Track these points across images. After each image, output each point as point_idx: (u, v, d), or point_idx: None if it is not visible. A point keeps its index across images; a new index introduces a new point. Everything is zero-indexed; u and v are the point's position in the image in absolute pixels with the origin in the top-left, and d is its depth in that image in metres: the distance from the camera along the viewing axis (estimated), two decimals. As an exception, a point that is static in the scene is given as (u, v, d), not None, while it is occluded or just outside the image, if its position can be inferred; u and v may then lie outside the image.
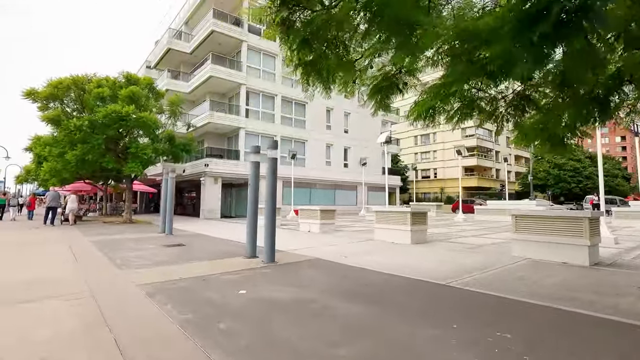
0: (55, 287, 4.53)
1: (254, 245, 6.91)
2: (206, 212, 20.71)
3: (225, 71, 21.47)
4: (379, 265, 5.96)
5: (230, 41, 22.41)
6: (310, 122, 25.65)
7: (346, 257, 6.75)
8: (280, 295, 4.17)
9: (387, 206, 18.83)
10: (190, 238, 10.53)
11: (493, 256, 6.89)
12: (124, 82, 17.26)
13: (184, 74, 24.99)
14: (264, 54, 23.68)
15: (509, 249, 7.45)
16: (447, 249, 8.05)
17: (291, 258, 6.75)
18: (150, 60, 28.58)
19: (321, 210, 11.67)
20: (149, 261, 6.46)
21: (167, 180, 11.71)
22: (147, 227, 15.08)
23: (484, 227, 14.45)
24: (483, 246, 8.47)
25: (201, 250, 8.03)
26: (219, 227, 14.89)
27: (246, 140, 22.35)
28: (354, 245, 8.70)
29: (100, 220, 18.97)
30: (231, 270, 5.64)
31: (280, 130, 23.96)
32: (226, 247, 8.58)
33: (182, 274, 5.33)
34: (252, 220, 6.96)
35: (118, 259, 6.65)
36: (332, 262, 6.29)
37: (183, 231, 12.67)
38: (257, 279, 5.06)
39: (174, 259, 6.80)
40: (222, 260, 6.64)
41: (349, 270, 5.63)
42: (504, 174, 55.26)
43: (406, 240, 8.71)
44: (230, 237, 10.68)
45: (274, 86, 23.84)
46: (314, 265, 6.05)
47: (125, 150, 17.35)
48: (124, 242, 9.46)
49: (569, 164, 46.57)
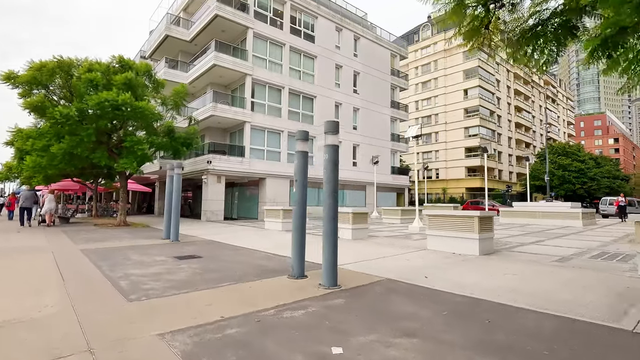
0: (27, 346, 2.81)
1: (302, 261, 5.26)
2: (208, 214, 18.89)
3: (230, 60, 19.68)
4: (486, 291, 4.36)
5: (235, 28, 20.62)
6: (319, 118, 23.98)
7: (427, 278, 5.13)
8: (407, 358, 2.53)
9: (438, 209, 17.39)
10: (202, 246, 8.79)
11: (613, 275, 5.36)
12: (118, 68, 15.38)
13: (183, 63, 23.08)
14: (271, 43, 21.95)
15: (608, 265, 5.94)
16: (534, 262, 6.49)
17: (354, 279, 5.11)
18: (145, 50, 26.56)
19: (354, 213, 10.05)
20: (165, 283, 4.75)
21: (173, 178, 9.94)
22: (145, 231, 13.25)
23: (526, 231, 13.00)
24: (569, 258, 6.94)
25: (224, 264, 6.32)
26: (228, 231, 13.15)
27: (251, 135, 20.58)
28: (411, 257, 7.09)
29: (90, 223, 17.01)
30: (286, 301, 3.98)
31: (288, 125, 22.25)
32: (253, 259, 6.88)
33: (221, 308, 3.66)
34: (299, 228, 5.29)
35: (123, 281, 4.92)
36: (418, 287, 4.66)
37: (190, 237, 10.91)
38: (334, 318, 3.42)
39: (196, 279, 5.09)
40: (262, 281, 4.97)
41: (456, 301, 4.01)
42: (507, 174, 54.53)
43: (473, 251, 7.14)
44: (249, 244, 8.98)
45: (282, 78, 22.12)
46: (396, 291, 4.42)
47: (119, 144, 15.49)
48: (124, 252, 7.68)
49: (573, 164, 45.82)
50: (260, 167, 20.65)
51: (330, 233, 4.77)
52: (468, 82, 49.53)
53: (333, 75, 25.30)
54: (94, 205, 22.77)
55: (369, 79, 27.82)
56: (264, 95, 21.57)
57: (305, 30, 23.88)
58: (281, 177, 21.57)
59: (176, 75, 21.90)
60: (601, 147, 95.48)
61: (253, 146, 20.69)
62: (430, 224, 8.03)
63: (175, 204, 9.72)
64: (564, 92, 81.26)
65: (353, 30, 26.86)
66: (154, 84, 16.61)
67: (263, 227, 14.30)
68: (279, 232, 12.25)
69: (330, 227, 4.78)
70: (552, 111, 71.81)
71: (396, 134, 30.68)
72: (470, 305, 3.84)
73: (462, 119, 49.75)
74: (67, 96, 14.94)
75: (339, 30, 25.98)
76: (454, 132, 50.53)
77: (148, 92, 16.09)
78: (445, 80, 52.22)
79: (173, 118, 16.74)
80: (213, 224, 16.83)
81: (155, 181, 26.85)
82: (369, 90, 27.61)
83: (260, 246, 8.63)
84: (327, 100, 24.70)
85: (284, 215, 12.95)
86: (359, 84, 27.18)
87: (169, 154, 17.98)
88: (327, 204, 4.80)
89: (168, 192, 10.23)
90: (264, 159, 21.12)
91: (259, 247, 8.42)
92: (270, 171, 21.02)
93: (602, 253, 7.56)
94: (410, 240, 9.97)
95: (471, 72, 49.53)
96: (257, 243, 9.35)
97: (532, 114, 63.57)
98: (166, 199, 10.32)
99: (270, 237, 10.91)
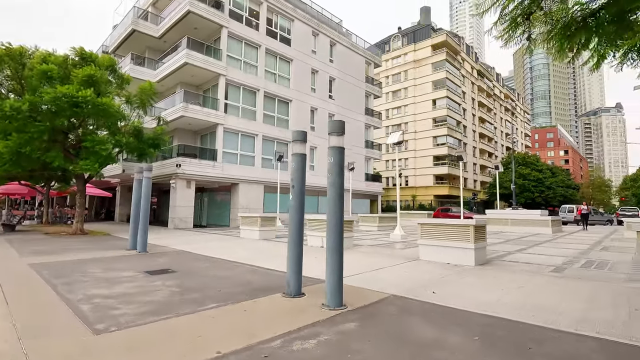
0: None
1: (300, 276, 4.68)
2: (176, 221, 17.65)
3: (203, 59, 18.70)
4: (507, 308, 4.02)
5: (209, 26, 19.69)
6: (294, 122, 23.45)
7: (435, 293, 4.74)
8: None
9: (427, 218, 17.29)
10: (174, 258, 7.93)
11: (617, 286, 5.25)
12: (77, 61, 14.02)
13: (151, 60, 21.71)
14: (246, 44, 21.19)
15: (604, 274, 5.91)
16: (533, 273, 6.31)
17: (357, 296, 4.60)
18: (108, 45, 24.75)
19: (339, 221, 9.55)
20: (139, 307, 3.99)
21: (142, 181, 8.99)
22: (106, 240, 11.99)
23: (503, 239, 13.16)
24: (562, 268, 6.86)
25: (205, 281, 5.59)
26: (200, 240, 12.21)
27: (224, 138, 19.63)
28: (407, 269, 6.72)
29: (40, 231, 15.28)
30: (291, 327, 3.40)
31: (263, 129, 21.50)
32: (236, 274, 6.20)
33: (216, 340, 3.02)
34: (297, 240, 4.72)
35: (85, 304, 4.09)
36: (430, 304, 4.24)
37: (158, 247, 9.92)
38: (352, 348, 2.89)
39: (176, 300, 4.36)
40: (255, 302, 4.33)
41: (481, 323, 3.61)
42: (470, 182, 56.66)
43: (469, 261, 6.90)
44: (227, 256, 8.22)
45: (257, 80, 21.39)
46: (409, 311, 3.97)
47: (77, 144, 14.08)
48: (84, 266, 6.68)
49: (532, 174, 48.49)
50: (234, 172, 19.72)
51: (336, 245, 4.25)
52: (436, 92, 51.16)
53: (309, 79, 24.93)
54: (45, 211, 20.68)
55: (344, 85, 27.73)
56: (238, 97, 20.73)
57: (282, 33, 23.37)
58: (255, 183, 20.74)
59: (143, 72, 20.51)
60: (553, 158, 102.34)
61: (226, 150, 19.73)
62: (422, 234, 7.72)
63: (144, 211, 8.76)
64: (522, 106, 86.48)
65: (329, 35, 26.73)
66: (119, 80, 15.34)
67: (238, 235, 13.47)
68: (257, 241, 11.51)
69: (335, 238, 4.25)
70: (512, 123, 76.01)
71: (370, 141, 30.79)
72: (499, 327, 3.46)
73: (431, 128, 51.20)
74: (16, 89, 13.42)
75: (316, 35, 25.73)
76: (423, 141, 51.86)
77: (112, 88, 14.82)
78: (414, 90, 53.64)
79: (140, 117, 15.51)
80: (182, 232, 15.70)
81: (116, 185, 24.95)
82: (344, 97, 27.51)
83: (240, 257, 7.91)
84: (303, 105, 24.25)
85: (262, 223, 12.23)
86: (334, 89, 27.01)
87: (134, 156, 16.68)
88: (332, 212, 4.28)
89: (135, 197, 9.24)
90: (237, 163, 20.21)
91: (239, 259, 7.69)
92: (243, 176, 20.13)
93: (589, 262, 7.60)
94: (396, 250, 9.65)
95: (439, 83, 51.23)
96: (236, 254, 8.60)
97: (494, 125, 66.87)
98: (133, 204, 9.32)
99: (248, 247, 10.18)
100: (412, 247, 10.25)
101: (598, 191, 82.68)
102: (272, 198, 20.73)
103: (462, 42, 59.28)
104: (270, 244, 10.98)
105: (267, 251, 9.38)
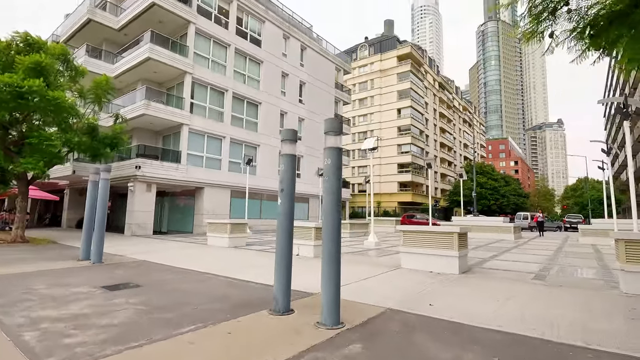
0: None
1: (289, 291, 4.22)
2: (134, 227, 16.29)
3: (169, 54, 17.60)
4: (513, 322, 3.83)
5: (175, 20, 18.63)
6: (263, 125, 22.81)
7: (432, 305, 4.47)
8: None
9: (422, 226, 17.21)
10: (136, 270, 7.10)
11: (602, 294, 5.31)
12: (22, 47, 12.54)
13: (108, 53, 20.11)
14: (215, 42, 20.33)
15: (583, 281, 6.03)
16: (516, 281, 6.29)
17: (351, 310, 4.21)
18: (59, 35, 22.64)
19: (316, 228, 9.18)
20: (98, 333, 3.32)
21: (98, 184, 8.03)
22: (53, 249, 10.67)
23: (473, 245, 13.40)
24: (541, 276, 6.95)
25: (176, 296, 4.94)
26: (163, 248, 11.24)
27: (189, 139, 18.56)
28: (391, 278, 6.45)
29: (-30, 238, 13.36)
30: (288, 353, 2.95)
31: (231, 131, 20.64)
32: (211, 287, 5.58)
33: (205, 377, 2.49)
34: (285, 249, 4.26)
35: (29, 332, 3.34)
36: (433, 319, 3.95)
37: (116, 257, 8.91)
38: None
39: (144, 322, 3.72)
40: (239, 322, 3.81)
41: (495, 340, 3.35)
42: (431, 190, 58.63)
43: (452, 269, 6.78)
44: (196, 266, 7.51)
45: (225, 80, 20.54)
46: (413, 328, 3.65)
47: (20, 141, 12.55)
48: (27, 280, 5.71)
49: (488, 183, 51.16)
50: (199, 175, 18.67)
51: (332, 257, 3.85)
52: (401, 102, 52.62)
53: (279, 82, 24.45)
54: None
55: (314, 90, 27.54)
56: (205, 97, 19.76)
57: (252, 33, 22.74)
58: (222, 187, 19.79)
59: (99, 65, 18.92)
60: (505, 169, 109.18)
61: (191, 152, 18.65)
62: (405, 241, 7.53)
63: (100, 216, 7.80)
64: (477, 118, 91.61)
65: (300, 39, 26.47)
66: (71, 72, 13.93)
67: (204, 243, 12.61)
68: (226, 250, 10.79)
69: (332, 248, 3.86)
70: (469, 134, 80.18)
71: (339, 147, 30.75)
72: (513, 345, 3.22)
73: (396, 136, 52.48)
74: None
75: (287, 38, 25.35)
76: (388, 149, 52.96)
77: (63, 80, 13.43)
78: (380, 99, 54.82)
79: (96, 114, 14.20)
80: (140, 239, 14.47)
81: (64, 187, 22.75)
82: (314, 102, 27.29)
83: (211, 268, 7.24)
84: (273, 108, 23.68)
85: (232, 230, 11.51)
86: (304, 94, 26.72)
87: (87, 156, 15.23)
88: (329, 220, 3.88)
89: (90, 200, 8.24)
90: (202, 166, 19.18)
91: (211, 270, 7.03)
92: (209, 180, 19.13)
93: (561, 268, 7.81)
94: (375, 257, 9.42)
95: (404, 93, 52.77)
96: (206, 264, 7.91)
97: (454, 135, 70.06)
98: (87, 209, 8.30)
99: (218, 256, 9.47)
100: (389, 254, 10.08)
101: (543, 199, 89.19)
102: (240, 203, 19.88)
103: (425, 55, 61.72)
104: (242, 252, 10.33)
105: (240, 260, 8.75)
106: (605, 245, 13.52)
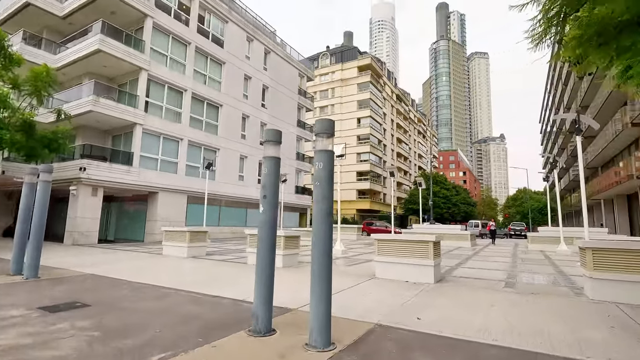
0: None
1: (270, 308, 3.79)
2: (77, 235, 14.62)
3: (122, 48, 16.24)
4: (507, 335, 3.73)
5: (130, 12, 17.31)
6: (224, 129, 21.89)
7: (420, 319, 4.27)
8: None
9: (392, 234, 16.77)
10: (82, 285, 6.20)
11: (573, 301, 5.47)
12: (-55, 28, 10.83)
13: (50, 42, 18.16)
14: (174, 39, 19.21)
15: (553, 289, 6.25)
16: (490, 290, 6.35)
17: (339, 328, 3.87)
18: (-10, 18, 20.12)
19: (286, 237, 8.74)
20: (39, 373, 2.66)
21: (37, 186, 6.98)
22: (-27, 262, 9.11)
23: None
24: (511, 284, 7.12)
25: (135, 318, 4.28)
26: (112, 259, 10.12)
27: (143, 140, 17.21)
28: (368, 289, 6.21)
29: None
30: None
31: (189, 133, 19.52)
32: (174, 304, 4.95)
33: None
34: (268, 262, 3.83)
35: (-61, 376, 2.60)
36: (425, 335, 3.72)
37: (55, 270, 7.79)
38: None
39: (98, 353, 3.09)
40: (215, 348, 3.31)
41: (492, 355, 3.19)
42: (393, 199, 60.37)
43: (428, 279, 6.71)
44: (153, 279, 6.74)
45: (184, 79, 19.44)
46: (408, 346, 3.39)
47: (-64, 136, 10.76)
48: (-64, 304, 4.67)
49: (441, 192, 53.69)
50: (152, 179, 17.33)
51: (324, 271, 3.51)
52: (361, 111, 53.76)
53: (242, 85, 23.71)
54: None
55: (277, 95, 27.10)
56: (162, 97, 18.53)
57: (214, 33, 21.87)
58: (177, 192, 18.57)
59: (38, 55, 17.00)
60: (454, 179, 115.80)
61: (144, 154, 17.30)
62: (379, 250, 7.36)
63: (38, 224, 6.74)
64: (431, 130, 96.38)
65: (264, 43, 25.98)
66: (4, 59, 12.30)
67: (159, 252, 11.58)
68: (185, 260, 9.95)
69: (323, 262, 3.52)
70: (423, 145, 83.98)
71: (301, 153, 30.52)
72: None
73: (355, 145, 53.37)
74: None
75: (250, 40, 24.74)
76: (348, 157, 53.67)
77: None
78: (341, 108, 55.60)
79: (34, 109, 12.64)
80: (84, 248, 12.99)
81: (-10, 190, 20.00)
82: (277, 107, 26.83)
83: (172, 282, 6.52)
84: (234, 111, 22.86)
85: (191, 239, 10.67)
86: (267, 98, 26.18)
87: (20, 156, 13.51)
88: (320, 231, 3.54)
89: (25, 205, 7.13)
90: (157, 169, 17.86)
91: (171, 284, 6.32)
92: (164, 184, 17.84)
93: (527, 275, 8.10)
94: (345, 267, 9.18)
95: (364, 103, 53.99)
96: (165, 277, 7.15)
97: (409, 145, 72.91)
98: (20, 215, 7.16)
99: (177, 268, 8.67)
100: (358, 263, 9.91)
101: (488, 208, 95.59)
102: (197, 209, 18.78)
103: (384, 67, 63.86)
104: (203, 262, 9.57)
105: (202, 272, 8.05)
106: (551, 251, 14.51)
